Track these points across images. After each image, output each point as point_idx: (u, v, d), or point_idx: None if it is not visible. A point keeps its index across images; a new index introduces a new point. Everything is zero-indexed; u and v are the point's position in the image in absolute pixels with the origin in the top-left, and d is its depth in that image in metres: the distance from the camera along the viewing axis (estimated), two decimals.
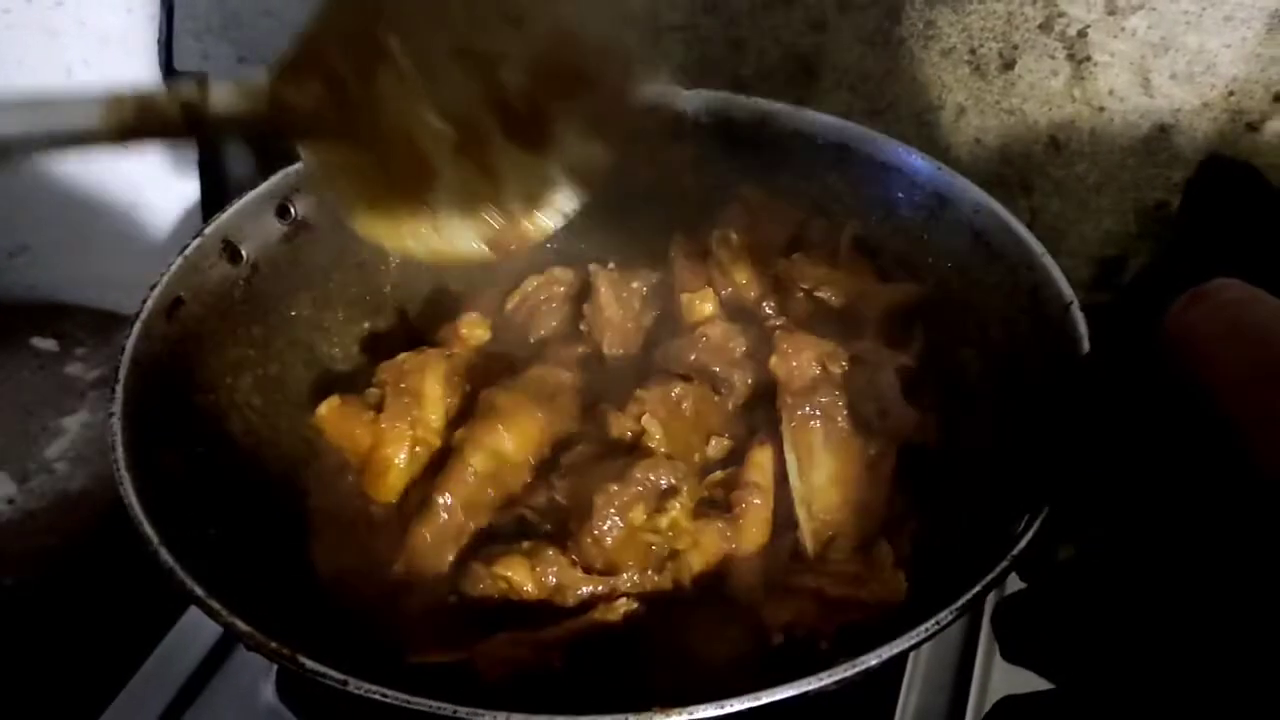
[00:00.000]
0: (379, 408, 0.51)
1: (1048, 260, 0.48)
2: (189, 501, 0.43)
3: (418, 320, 0.62)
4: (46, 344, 0.80)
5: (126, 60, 0.74)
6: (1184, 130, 0.58)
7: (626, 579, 0.45)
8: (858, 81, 0.63)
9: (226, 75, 0.71)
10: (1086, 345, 0.43)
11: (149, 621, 0.57)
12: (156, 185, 0.81)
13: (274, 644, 0.35)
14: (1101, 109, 0.60)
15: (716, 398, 0.51)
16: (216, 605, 0.37)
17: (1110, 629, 0.29)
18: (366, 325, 0.60)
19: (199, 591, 0.37)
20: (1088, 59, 0.58)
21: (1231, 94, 0.57)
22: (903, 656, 0.52)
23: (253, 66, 0.74)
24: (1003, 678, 0.53)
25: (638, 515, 0.45)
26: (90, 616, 0.61)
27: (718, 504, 0.47)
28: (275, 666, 0.53)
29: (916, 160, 0.55)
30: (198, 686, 0.54)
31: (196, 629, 0.56)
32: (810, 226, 0.58)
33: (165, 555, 0.38)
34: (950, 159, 0.56)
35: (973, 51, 0.60)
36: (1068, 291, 0.46)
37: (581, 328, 0.58)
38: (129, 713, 0.53)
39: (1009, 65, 0.60)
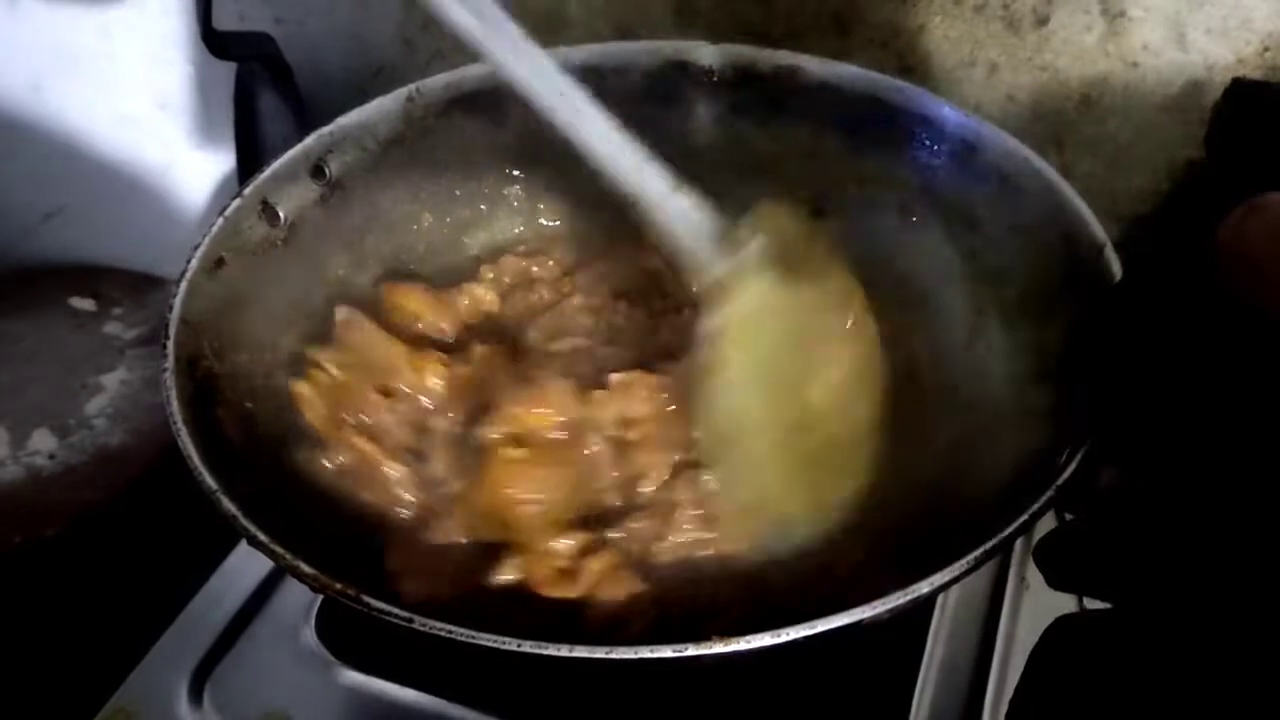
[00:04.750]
0: None
1: (1080, 204, 0.48)
2: (242, 455, 0.44)
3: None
4: (84, 304, 0.81)
5: (163, 21, 0.75)
6: (1218, 86, 0.58)
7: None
8: (889, 38, 0.63)
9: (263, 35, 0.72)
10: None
11: (188, 569, 0.59)
12: (191, 148, 0.82)
13: (339, 585, 0.36)
14: (1135, 65, 0.59)
15: None
16: (280, 550, 0.37)
17: (1168, 547, 0.30)
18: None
19: (262, 537, 0.37)
20: (1122, 14, 0.58)
21: (1267, 50, 0.57)
22: (931, 602, 0.53)
23: (288, 26, 0.74)
24: (1030, 628, 0.53)
25: None
26: (130, 566, 0.63)
27: None
28: (315, 610, 0.55)
29: (944, 109, 0.55)
30: (237, 630, 0.55)
31: (236, 575, 0.57)
32: None
33: (226, 504, 0.38)
34: (982, 116, 0.56)
35: (1006, 7, 0.60)
36: (1101, 234, 0.46)
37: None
38: (172, 656, 0.54)
39: (1043, 21, 0.60)
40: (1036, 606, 0.54)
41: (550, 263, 0.62)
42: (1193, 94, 0.59)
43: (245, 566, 0.58)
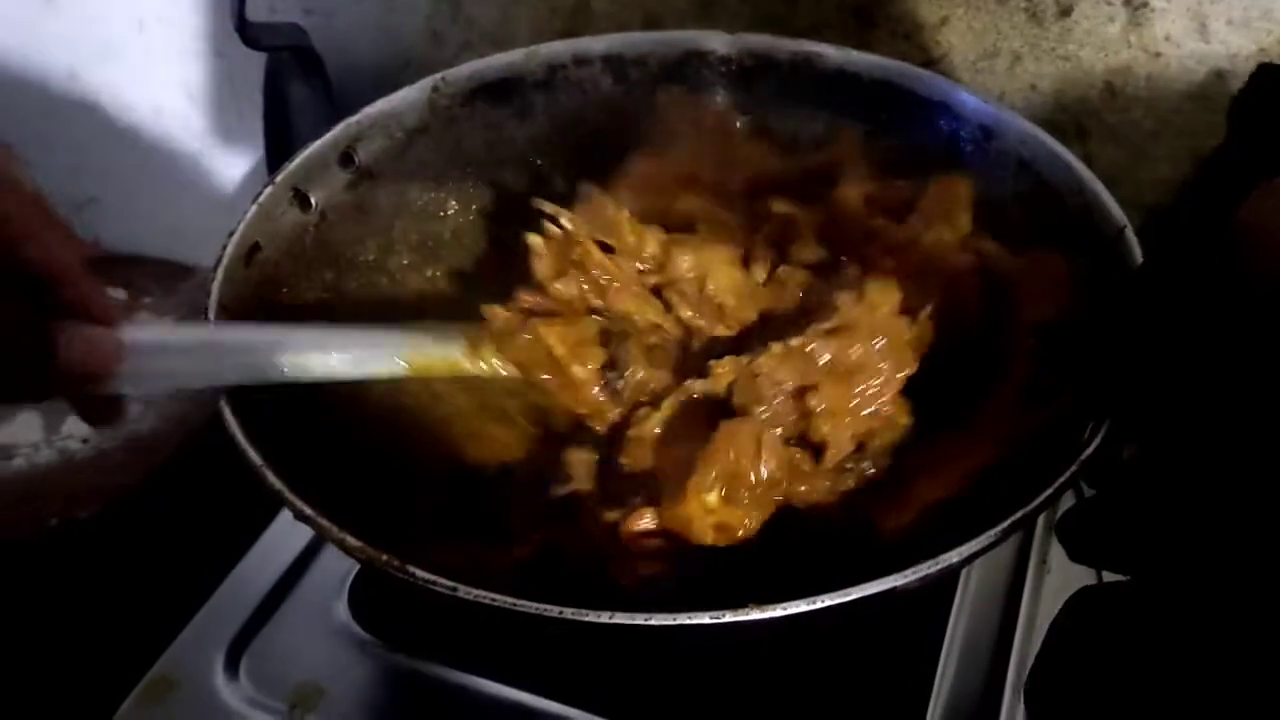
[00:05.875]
0: None
1: (1098, 186, 0.49)
2: (280, 432, 0.45)
3: (474, 268, 0.63)
4: (116, 293, 0.82)
5: (197, 14, 0.76)
6: (1240, 76, 0.58)
7: None
8: (913, 30, 0.64)
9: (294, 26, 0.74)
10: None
11: (218, 550, 0.60)
12: (222, 138, 0.83)
13: (384, 556, 0.36)
14: (1158, 55, 0.60)
15: None
16: (327, 523, 0.38)
17: (1187, 522, 0.30)
18: (429, 272, 0.62)
19: (308, 510, 0.38)
20: (1144, 5, 0.58)
21: None
22: (954, 578, 0.54)
23: (317, 18, 0.75)
24: (1051, 605, 0.53)
25: None
26: (161, 547, 0.64)
27: None
28: (348, 586, 0.56)
29: (962, 94, 0.56)
30: (272, 605, 0.56)
31: (270, 553, 0.58)
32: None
33: (272, 478, 0.39)
34: (1005, 106, 0.56)
35: None
36: (1120, 216, 0.47)
37: None
38: (209, 630, 0.55)
39: (1065, 12, 0.60)
40: (1057, 587, 0.54)
41: None
42: (1215, 83, 0.59)
43: (279, 545, 0.59)
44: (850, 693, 0.51)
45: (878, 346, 0.46)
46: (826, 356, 0.46)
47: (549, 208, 0.51)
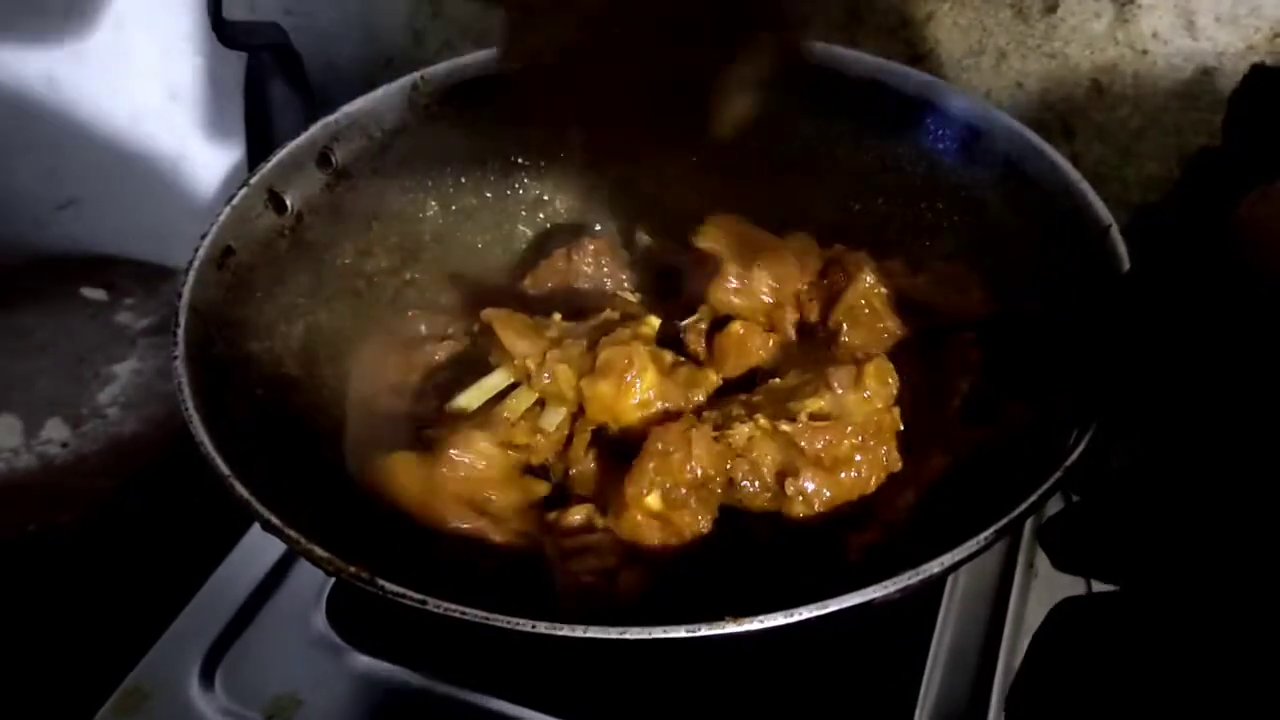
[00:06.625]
0: None
1: (1084, 185, 0.48)
2: (253, 441, 0.45)
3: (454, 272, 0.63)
4: (96, 294, 0.82)
5: (175, 13, 0.75)
6: (1227, 73, 0.58)
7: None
8: (899, 26, 0.63)
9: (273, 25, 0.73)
10: (1127, 267, 0.43)
11: (199, 555, 0.59)
12: (203, 139, 0.82)
13: (353, 568, 0.36)
14: (1144, 52, 0.59)
15: None
16: (295, 534, 0.38)
17: (1174, 530, 0.30)
18: (408, 275, 0.61)
19: (276, 521, 0.38)
20: (1131, 1, 0.58)
21: (1276, 36, 0.56)
22: (940, 586, 0.53)
23: (297, 17, 0.74)
24: (1038, 611, 0.53)
25: None
26: (142, 552, 0.63)
27: None
28: (325, 595, 0.56)
29: (948, 93, 0.56)
30: (249, 615, 0.56)
31: (247, 561, 0.58)
32: None
33: (240, 489, 0.39)
34: (991, 103, 0.56)
35: None
36: (1105, 215, 0.46)
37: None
38: (184, 640, 0.55)
39: (1052, 8, 0.60)
40: (1044, 592, 0.54)
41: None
42: (1203, 81, 0.59)
43: (256, 552, 0.58)
44: (836, 699, 0.51)
45: (866, 442, 0.45)
46: (815, 446, 0.45)
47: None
